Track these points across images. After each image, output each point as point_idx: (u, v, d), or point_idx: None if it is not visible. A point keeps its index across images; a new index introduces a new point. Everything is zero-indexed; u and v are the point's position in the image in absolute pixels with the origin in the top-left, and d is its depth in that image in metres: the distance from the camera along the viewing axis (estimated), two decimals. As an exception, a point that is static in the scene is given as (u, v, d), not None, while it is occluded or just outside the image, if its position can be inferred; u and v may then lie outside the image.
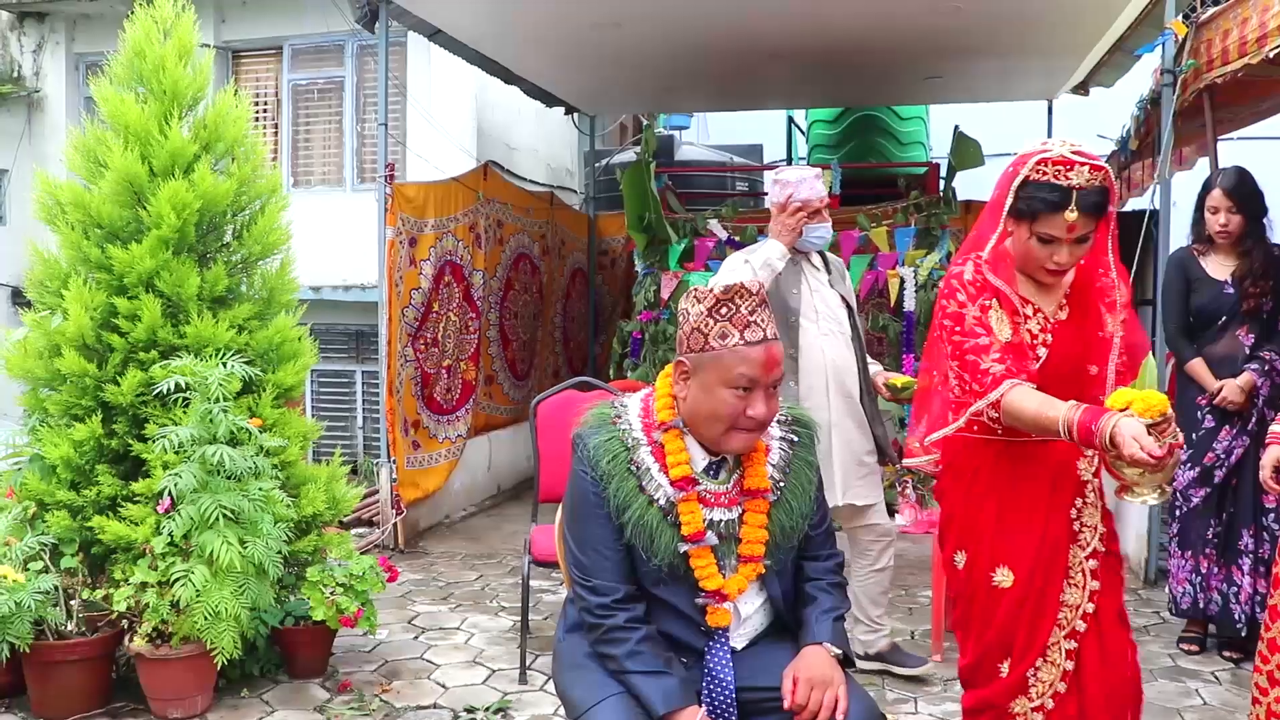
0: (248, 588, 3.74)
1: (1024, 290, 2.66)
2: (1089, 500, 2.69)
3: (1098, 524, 2.70)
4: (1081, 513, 2.70)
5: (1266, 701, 3.22)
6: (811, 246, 4.14)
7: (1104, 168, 2.53)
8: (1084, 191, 2.50)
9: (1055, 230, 2.54)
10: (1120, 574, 2.79)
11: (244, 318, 4.30)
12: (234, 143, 4.46)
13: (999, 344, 2.57)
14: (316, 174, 9.30)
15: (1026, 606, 2.67)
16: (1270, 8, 4.17)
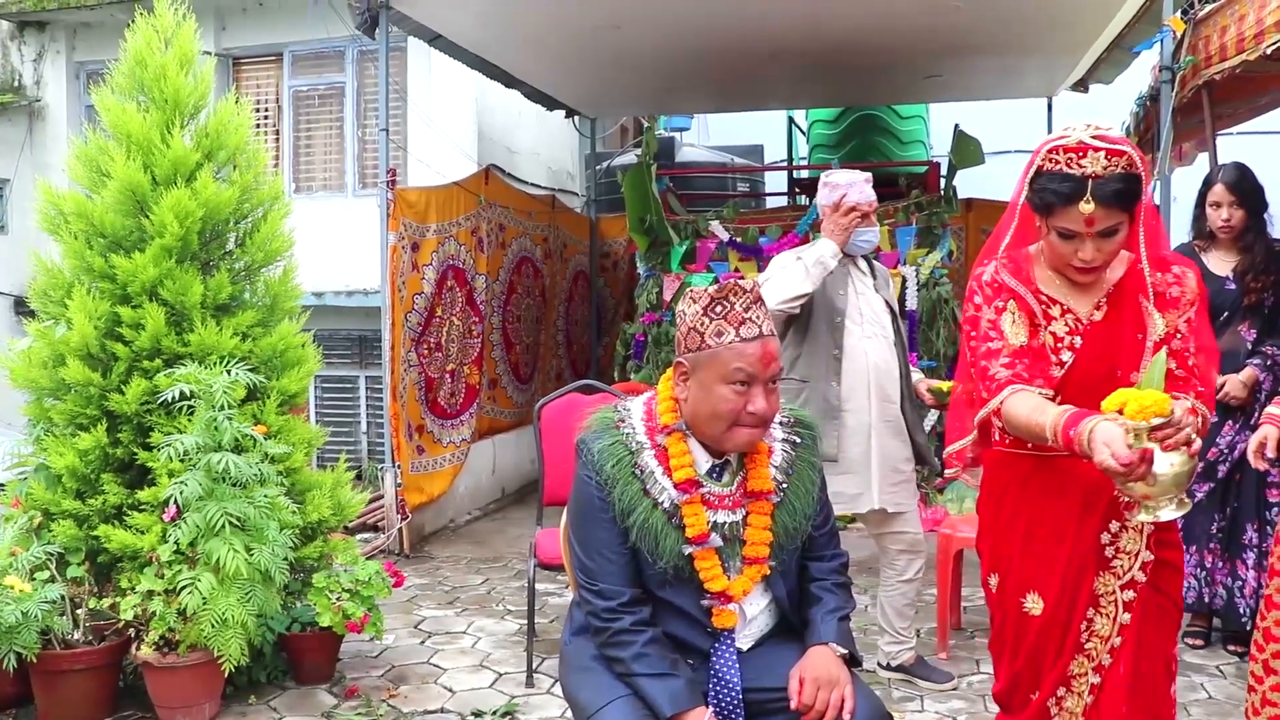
0: (254, 595, 3.75)
1: (1053, 290, 2.50)
2: (1130, 525, 2.47)
3: (1140, 551, 2.48)
4: (1118, 537, 2.49)
5: (1262, 690, 3.25)
6: (860, 250, 4.13)
7: (1124, 152, 2.31)
8: (1101, 180, 2.30)
9: (1072, 224, 2.35)
10: (1173, 618, 2.56)
11: (248, 325, 4.31)
12: (236, 150, 4.47)
13: (1010, 348, 2.44)
14: (318, 180, 9.31)
15: (1053, 633, 2.53)
16: (1268, 4, 4.17)
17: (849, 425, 4.01)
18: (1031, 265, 2.52)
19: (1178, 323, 2.45)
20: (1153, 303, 2.45)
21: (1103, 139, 2.32)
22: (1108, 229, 2.35)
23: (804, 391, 4.02)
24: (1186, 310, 2.46)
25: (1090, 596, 2.49)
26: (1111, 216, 2.34)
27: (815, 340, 4.04)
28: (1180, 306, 2.46)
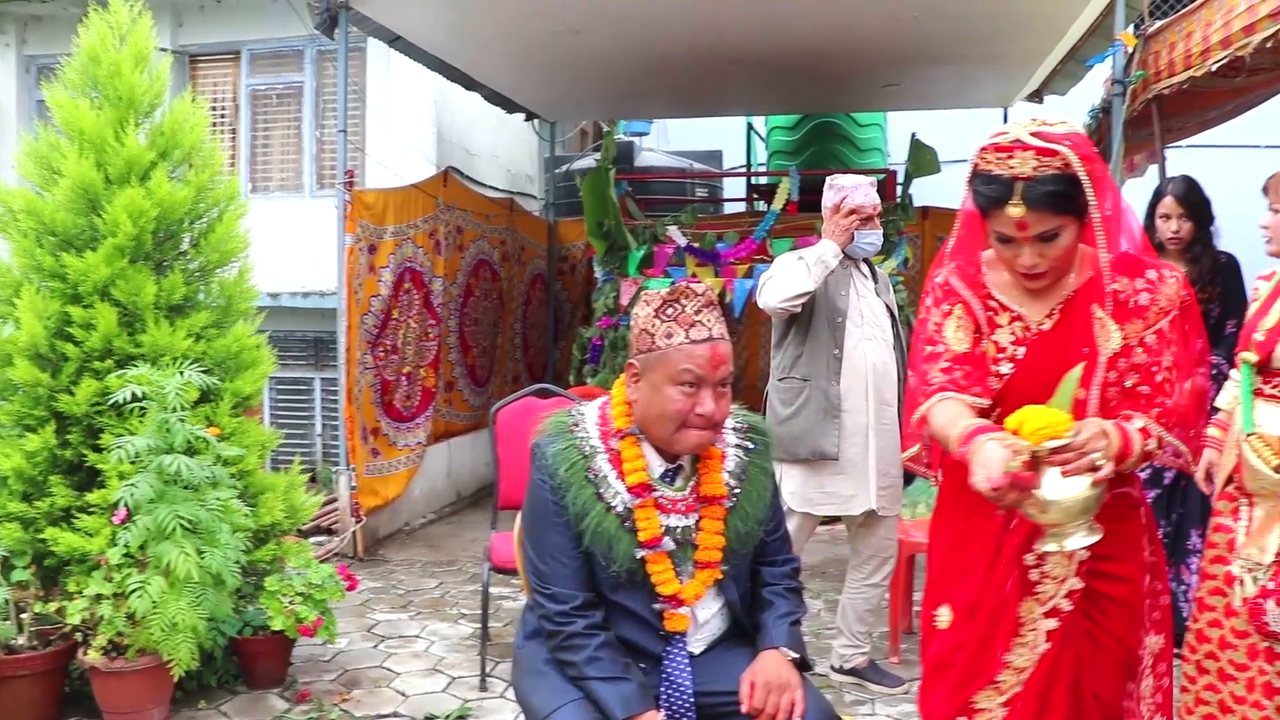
0: (205, 598, 3.71)
1: (1006, 296, 2.35)
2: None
3: (1068, 577, 2.30)
4: (1043, 560, 2.31)
5: (1195, 690, 3.32)
6: (862, 252, 4.17)
7: (1057, 151, 2.13)
8: (1031, 182, 2.13)
9: (1005, 228, 2.20)
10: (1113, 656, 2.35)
11: (201, 326, 4.27)
12: (191, 149, 4.44)
13: (951, 354, 2.33)
14: (275, 180, 9.24)
15: (961, 655, 2.36)
16: (1213, 23, 4.27)
17: (846, 425, 4.05)
18: (986, 270, 2.39)
19: (1143, 334, 2.25)
20: (1110, 312, 2.25)
21: (1042, 136, 2.15)
22: (1046, 234, 2.18)
23: (805, 390, 4.07)
24: (1157, 320, 2.26)
25: (1014, 624, 2.32)
26: (1045, 220, 2.16)
27: (816, 340, 4.09)
28: (1147, 316, 2.26)
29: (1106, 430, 2.11)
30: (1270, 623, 3.10)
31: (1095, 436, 2.06)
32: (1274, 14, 3.80)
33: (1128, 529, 2.34)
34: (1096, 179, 2.16)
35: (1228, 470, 3.34)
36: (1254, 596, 3.15)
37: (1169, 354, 2.25)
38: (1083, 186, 2.15)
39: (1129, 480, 2.34)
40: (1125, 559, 2.33)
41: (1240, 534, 3.27)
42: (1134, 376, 2.25)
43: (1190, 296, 2.30)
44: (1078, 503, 2.04)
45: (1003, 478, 1.97)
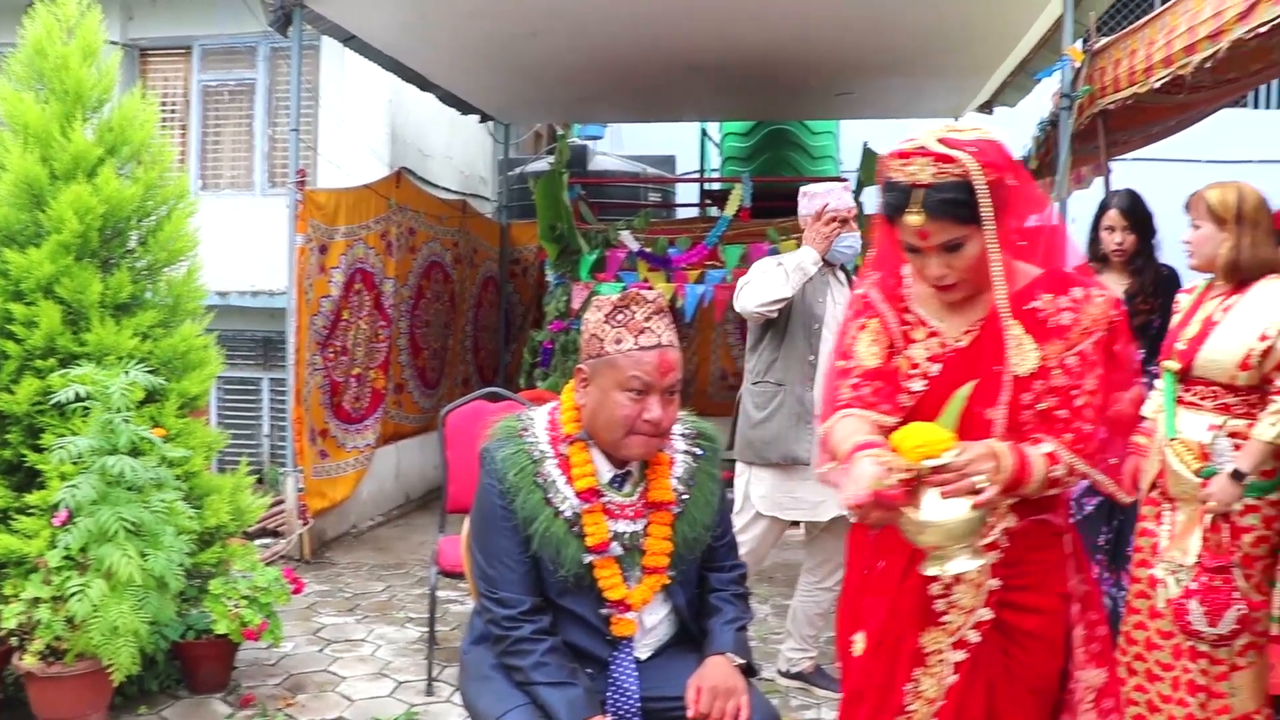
0: (148, 601, 3.66)
1: (926, 310, 2.24)
2: (969, 577, 2.17)
3: (976, 608, 2.18)
4: (950, 590, 2.19)
5: (1126, 691, 3.43)
6: (841, 258, 4.20)
7: (955, 158, 2.02)
8: (929, 189, 2.02)
9: (909, 237, 2.10)
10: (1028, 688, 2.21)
11: (148, 325, 4.22)
12: (141, 146, 4.38)
13: (861, 369, 2.25)
14: (225, 177, 9.13)
15: (871, 684, 2.28)
16: (1155, 42, 4.36)
17: (819, 431, 4.05)
18: (909, 282, 2.28)
19: (1064, 356, 2.12)
20: (1024, 329, 2.13)
21: (945, 143, 2.05)
22: (949, 244, 2.07)
23: (779, 395, 4.09)
24: (1079, 341, 2.12)
25: (914, 654, 2.21)
26: (946, 230, 2.05)
27: (791, 345, 4.11)
28: (1068, 337, 2.12)
29: (997, 452, 2.01)
30: (1193, 622, 3.20)
31: (980, 458, 1.97)
32: (1212, 35, 3.89)
33: (1047, 557, 2.22)
34: (1003, 189, 2.05)
35: (1151, 476, 3.44)
36: (1177, 597, 3.24)
37: (1092, 378, 2.12)
38: (979, 194, 2.03)
39: (1048, 506, 2.20)
40: (1043, 589, 2.20)
41: (1163, 538, 3.37)
42: (1051, 399, 2.12)
43: (1121, 317, 2.16)
44: (957, 525, 1.94)
45: (866, 496, 1.91)
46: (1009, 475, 2.01)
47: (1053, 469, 2.07)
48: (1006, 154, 2.09)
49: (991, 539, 2.15)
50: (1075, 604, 2.25)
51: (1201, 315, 3.35)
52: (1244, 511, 3.21)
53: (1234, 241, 3.27)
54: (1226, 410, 3.25)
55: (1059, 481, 2.09)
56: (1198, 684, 3.26)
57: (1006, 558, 2.18)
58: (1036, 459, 2.05)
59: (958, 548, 1.96)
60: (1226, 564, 3.18)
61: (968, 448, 1.98)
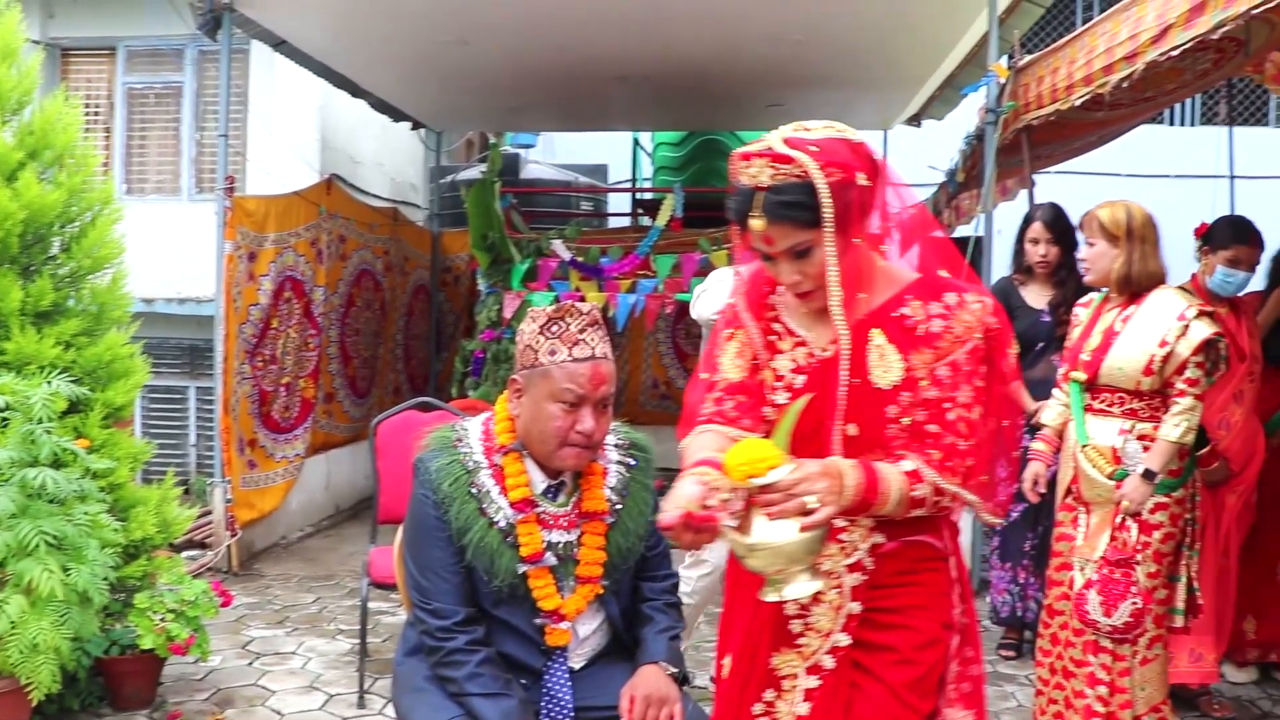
0: (70, 617, 3.57)
1: (794, 318, 2.09)
2: (823, 596, 2.02)
3: (833, 631, 2.02)
4: (808, 611, 2.03)
5: (1048, 691, 3.56)
6: None
7: (793, 158, 1.88)
8: (770, 191, 1.89)
9: (757, 243, 1.97)
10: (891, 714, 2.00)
11: (71, 334, 4.14)
12: (64, 150, 4.30)
13: (724, 383, 2.11)
14: (151, 182, 8.97)
15: (729, 703, 2.14)
16: (1076, 60, 4.49)
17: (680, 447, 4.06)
18: (781, 291, 2.11)
19: (934, 366, 1.97)
20: (888, 338, 2.00)
21: (789, 143, 1.92)
22: (797, 249, 1.93)
23: None
24: (952, 350, 1.97)
25: (766, 675, 2.06)
26: (789, 234, 1.92)
27: None
28: (938, 345, 1.98)
29: (839, 471, 1.85)
30: (1090, 612, 3.33)
31: (812, 477, 1.81)
32: (1129, 57, 4.02)
33: (924, 582, 2.05)
34: (851, 190, 1.90)
35: (1065, 482, 3.57)
36: (1080, 589, 3.37)
37: (966, 390, 1.96)
38: (821, 197, 1.88)
39: (927, 527, 2.04)
40: (917, 613, 2.03)
41: (1080, 540, 3.50)
42: (921, 413, 1.96)
43: (1002, 326, 2.02)
44: (788, 548, 1.79)
45: (675, 517, 1.77)
46: (853, 495, 1.85)
47: (914, 488, 1.91)
48: (860, 153, 1.94)
49: (855, 559, 2.01)
50: (955, 636, 2.07)
51: (1101, 327, 3.52)
52: (1154, 509, 3.40)
53: (1126, 256, 3.45)
54: (1133, 415, 3.43)
55: (922, 502, 1.92)
56: (1098, 678, 3.38)
57: (872, 580, 2.02)
58: (892, 478, 1.90)
59: (795, 570, 1.82)
60: (1129, 558, 3.32)
61: (802, 465, 1.82)
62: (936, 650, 2.04)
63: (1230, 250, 3.98)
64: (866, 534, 2.02)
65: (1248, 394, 4.04)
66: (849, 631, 2.02)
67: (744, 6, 5.96)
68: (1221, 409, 3.97)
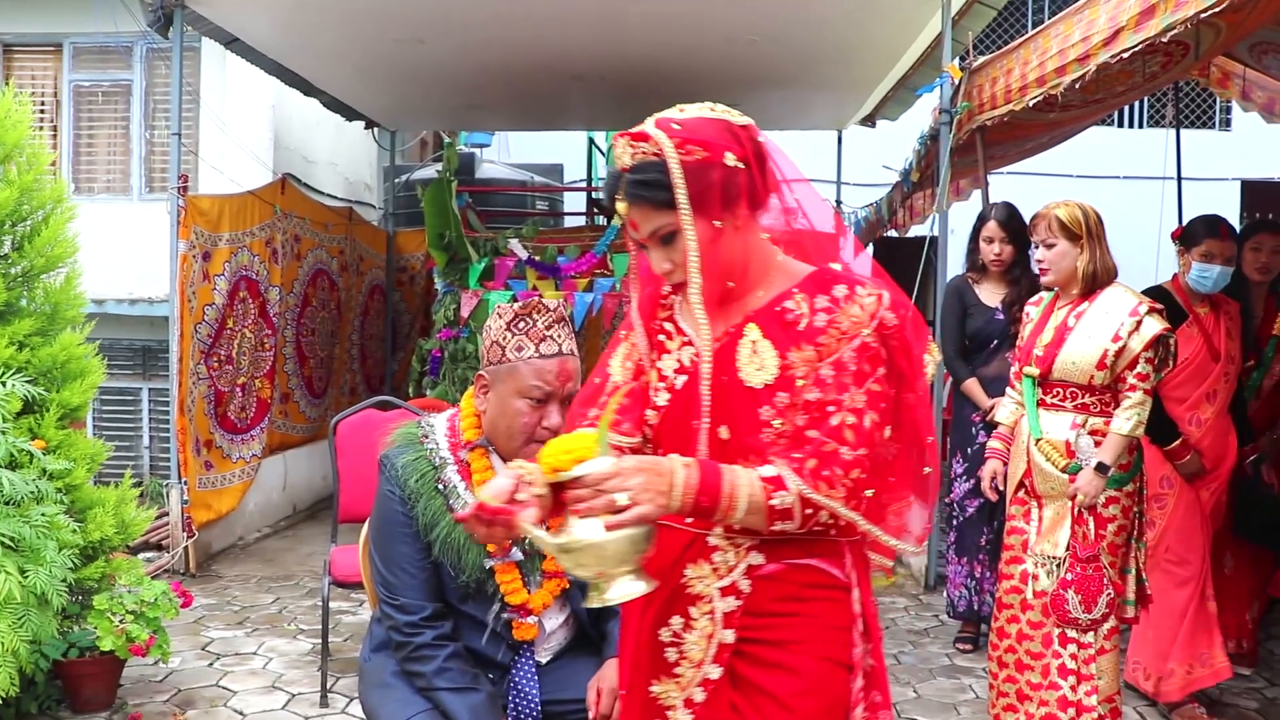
0: (28, 619, 3.53)
1: (686, 317, 1.91)
2: (695, 622, 1.83)
3: (704, 662, 1.82)
4: (681, 638, 1.84)
5: (998, 684, 3.64)
6: None
7: (648, 136, 1.76)
8: (630, 171, 1.79)
9: (630, 230, 1.86)
10: None
11: (25, 333, 4.08)
12: (14, 147, 4.24)
13: (611, 386, 1.98)
14: (100, 181, 8.86)
15: None
16: (1029, 62, 4.58)
17: None
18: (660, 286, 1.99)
19: (817, 365, 1.78)
20: (764, 333, 1.82)
21: (659, 122, 1.79)
22: (661, 234, 1.80)
23: None
24: (837, 348, 1.78)
25: (646, 703, 1.88)
26: (650, 218, 1.80)
27: None
28: (820, 342, 1.79)
29: (668, 469, 1.69)
30: (1071, 610, 3.41)
31: (626, 473, 1.66)
32: (1081, 59, 4.10)
33: (814, 613, 1.83)
34: (715, 171, 1.75)
35: (1018, 477, 3.64)
36: (1054, 589, 3.45)
37: (856, 393, 1.76)
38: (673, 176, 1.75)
39: (820, 550, 1.83)
40: (802, 651, 1.81)
41: (1032, 534, 3.57)
42: (801, 416, 1.76)
43: (901, 322, 1.81)
44: (598, 548, 1.65)
45: (470, 510, 1.71)
46: (681, 496, 1.68)
47: (773, 497, 1.70)
48: (736, 135, 1.79)
49: (729, 581, 1.81)
50: (858, 678, 1.85)
51: (1054, 324, 3.59)
52: (1106, 503, 3.47)
53: (1089, 254, 3.50)
54: (1085, 410, 3.50)
55: (789, 515, 1.72)
56: (1068, 668, 3.45)
57: (749, 606, 1.81)
58: (741, 483, 1.70)
59: (619, 572, 1.67)
60: (1095, 553, 3.39)
61: (619, 461, 1.69)
62: (823, 696, 1.81)
63: (1203, 245, 4.02)
64: (743, 553, 1.81)
65: (1221, 394, 4.14)
66: (720, 663, 1.81)
67: (700, 7, 6.01)
68: (1194, 407, 4.10)
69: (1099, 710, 3.42)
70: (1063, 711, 3.44)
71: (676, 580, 1.84)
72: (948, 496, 4.97)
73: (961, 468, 4.75)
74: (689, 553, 1.84)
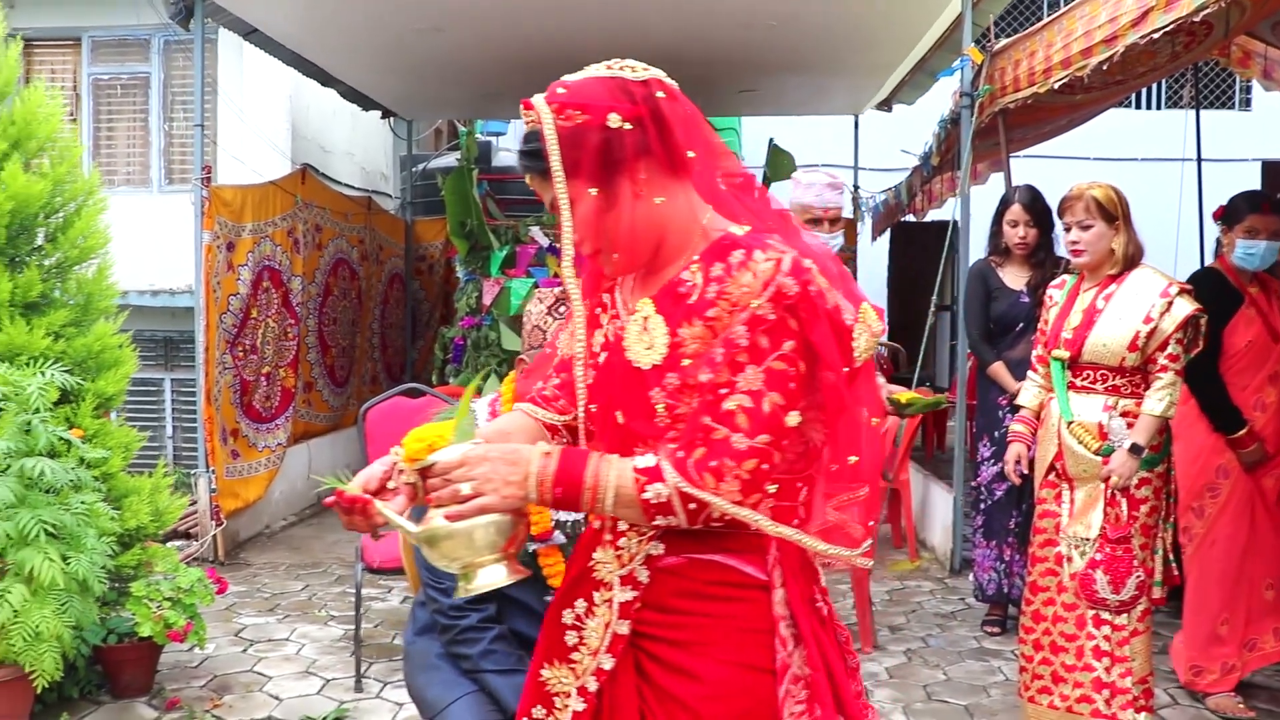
0: (71, 605, 3.58)
1: (626, 291, 1.76)
2: (597, 609, 1.71)
3: (599, 650, 1.70)
4: (583, 622, 1.72)
5: (1032, 667, 3.66)
6: None
7: (531, 104, 1.66)
8: (524, 143, 1.72)
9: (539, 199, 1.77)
10: None
11: (60, 324, 4.12)
12: (47, 140, 4.28)
13: (558, 361, 1.89)
14: (120, 174, 8.90)
15: None
16: (1054, 44, 4.57)
17: None
18: None
19: (711, 343, 1.58)
20: (658, 308, 1.65)
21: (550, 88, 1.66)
22: (565, 200, 1.65)
23: None
24: (730, 324, 1.57)
25: (536, 688, 1.79)
26: (545, 188, 1.68)
27: None
28: (710, 316, 1.59)
29: (524, 459, 1.59)
30: (1099, 590, 3.43)
31: (472, 461, 1.59)
32: (1108, 40, 4.10)
33: (725, 615, 1.67)
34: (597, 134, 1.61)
35: (1048, 460, 3.65)
36: (1083, 569, 3.46)
37: (754, 374, 1.55)
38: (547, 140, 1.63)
39: (733, 545, 1.66)
40: (706, 654, 1.66)
41: (1065, 517, 3.58)
42: (695, 399, 1.59)
43: (805, 292, 1.57)
44: (462, 536, 1.61)
45: (332, 496, 1.67)
46: (537, 487, 1.58)
47: (646, 490, 1.56)
48: (626, 90, 1.65)
49: (628, 570, 1.68)
50: (784, 684, 1.66)
51: (1081, 306, 3.58)
52: (1138, 484, 3.47)
53: (1126, 236, 3.49)
54: (1116, 392, 3.50)
55: (668, 509, 1.56)
56: (1102, 649, 3.47)
57: (647, 598, 1.67)
58: (608, 475, 1.58)
59: (487, 560, 1.63)
60: (1126, 534, 3.41)
61: (471, 450, 1.61)
62: (734, 703, 1.65)
63: (1246, 221, 3.93)
64: (645, 541, 1.67)
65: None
66: (614, 654, 1.68)
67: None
68: (1257, 390, 4.00)
69: (1133, 692, 3.44)
70: (1097, 693, 3.45)
71: (584, 563, 1.74)
72: (974, 481, 4.98)
73: (989, 451, 4.76)
74: (599, 536, 1.72)
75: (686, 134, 1.67)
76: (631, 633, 1.68)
